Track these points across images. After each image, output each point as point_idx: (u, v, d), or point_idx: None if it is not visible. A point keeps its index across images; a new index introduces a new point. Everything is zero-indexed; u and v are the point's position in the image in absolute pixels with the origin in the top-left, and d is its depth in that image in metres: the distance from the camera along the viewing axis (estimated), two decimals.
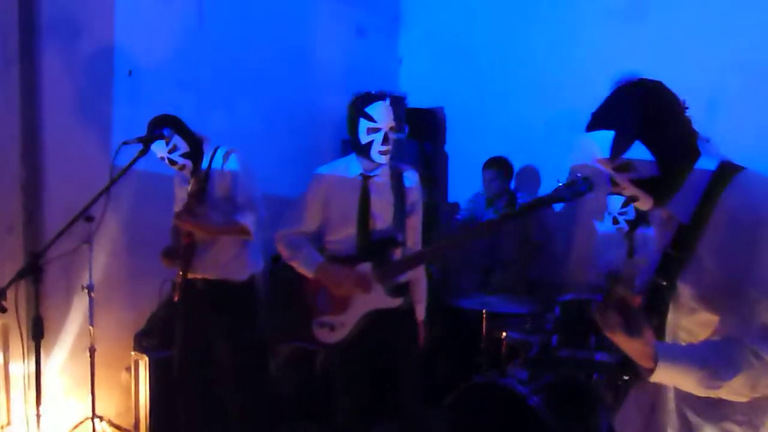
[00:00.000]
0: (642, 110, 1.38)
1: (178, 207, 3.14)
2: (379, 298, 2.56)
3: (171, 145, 2.86)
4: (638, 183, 1.41)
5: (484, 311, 3.18)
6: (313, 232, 2.71)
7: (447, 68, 4.80)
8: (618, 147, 1.39)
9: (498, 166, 4.03)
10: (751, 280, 1.27)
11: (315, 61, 4.58)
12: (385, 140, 2.56)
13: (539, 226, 4.06)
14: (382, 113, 2.55)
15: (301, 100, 4.50)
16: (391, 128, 2.57)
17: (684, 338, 1.43)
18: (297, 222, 2.69)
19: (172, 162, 2.90)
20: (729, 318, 1.31)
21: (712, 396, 1.30)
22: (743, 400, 1.30)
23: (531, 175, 4.50)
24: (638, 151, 1.38)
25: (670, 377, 1.30)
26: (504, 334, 3.31)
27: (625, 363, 1.40)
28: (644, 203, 1.45)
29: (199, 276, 2.97)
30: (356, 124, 2.57)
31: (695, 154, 1.40)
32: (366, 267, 2.57)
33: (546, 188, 4.46)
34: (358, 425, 2.76)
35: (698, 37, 3.55)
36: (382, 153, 2.57)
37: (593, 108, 1.51)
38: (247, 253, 3.02)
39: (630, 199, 1.47)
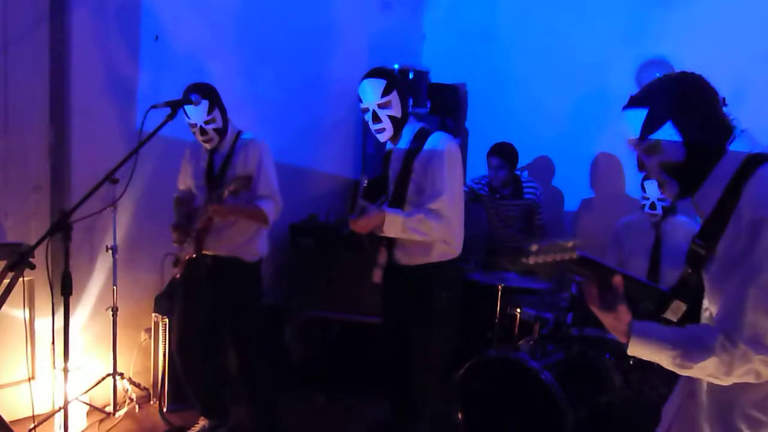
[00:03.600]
0: (679, 94, 1.40)
1: (184, 183, 3.20)
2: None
3: (211, 116, 2.89)
4: (665, 167, 1.42)
5: (500, 286, 3.21)
6: None
7: (470, 46, 4.80)
8: (649, 125, 1.41)
9: (503, 155, 4.00)
10: (741, 270, 1.29)
11: (339, 33, 4.57)
12: (375, 118, 2.55)
13: (543, 209, 4.09)
14: (366, 91, 2.55)
15: (323, 73, 4.51)
16: (381, 105, 2.53)
17: None
18: None
19: (204, 132, 2.92)
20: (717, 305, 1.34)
21: (691, 374, 1.35)
22: (725, 383, 1.33)
23: (545, 165, 4.52)
24: (669, 135, 1.39)
25: (645, 353, 1.37)
26: (518, 309, 3.35)
27: None
28: (670, 189, 1.46)
29: (210, 252, 3.02)
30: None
31: (723, 148, 1.40)
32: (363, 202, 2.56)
33: (557, 168, 4.49)
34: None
35: (724, 27, 3.50)
36: (376, 131, 2.59)
37: (615, 91, 1.51)
38: (259, 237, 3.09)
39: (659, 185, 1.48)
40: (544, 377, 2.82)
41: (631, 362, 3.05)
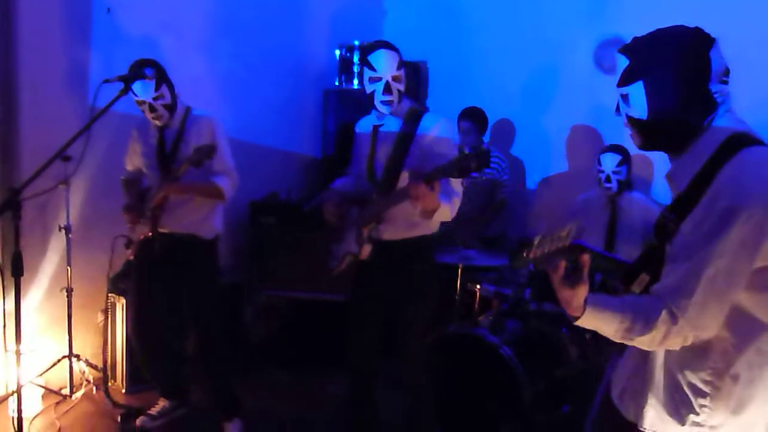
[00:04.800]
0: (663, 57, 1.39)
1: (132, 163, 3.11)
2: (349, 241, 2.60)
3: (159, 92, 2.82)
4: (631, 120, 1.47)
5: (460, 265, 3.24)
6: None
7: (431, 22, 4.77)
8: (625, 76, 1.44)
9: (473, 117, 4.00)
10: (702, 251, 1.30)
11: (299, 9, 4.50)
12: (387, 89, 2.50)
13: (508, 183, 4.12)
14: (383, 61, 2.49)
15: (284, 49, 4.44)
16: (394, 78, 2.50)
17: None
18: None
19: (153, 109, 2.85)
20: (668, 277, 1.36)
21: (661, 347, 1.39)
22: (652, 349, 1.43)
23: (506, 128, 4.53)
24: (636, 93, 1.42)
25: (593, 324, 1.40)
26: (478, 286, 3.39)
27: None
28: (635, 140, 1.50)
29: (166, 230, 2.96)
30: (361, 73, 2.55)
31: (700, 124, 1.39)
32: (353, 210, 2.63)
33: (520, 143, 4.53)
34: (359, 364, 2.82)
35: (683, 8, 3.54)
36: (384, 103, 2.52)
37: (576, 69, 1.53)
38: (215, 214, 3.05)
39: (630, 132, 1.51)
40: (503, 352, 2.87)
41: (587, 336, 3.13)
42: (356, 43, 4.28)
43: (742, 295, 1.34)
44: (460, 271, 3.26)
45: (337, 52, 4.41)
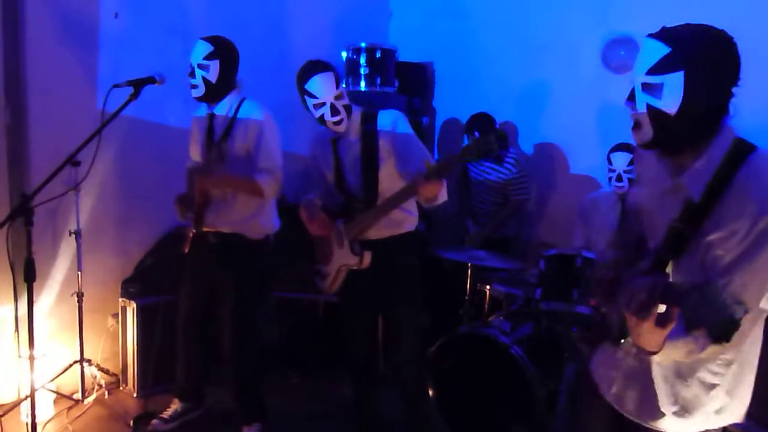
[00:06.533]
0: (706, 53, 1.33)
1: (194, 153, 3.08)
2: (345, 255, 2.61)
3: (207, 62, 2.80)
4: (653, 111, 1.37)
5: (469, 264, 3.24)
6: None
7: (437, 23, 4.76)
8: (662, 65, 1.34)
9: (484, 126, 3.98)
10: (747, 264, 1.28)
11: (305, 11, 4.50)
12: (333, 111, 2.54)
13: (519, 185, 4.09)
14: (321, 87, 2.51)
15: (290, 51, 4.43)
16: (336, 96, 2.53)
17: None
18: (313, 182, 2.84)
19: (193, 75, 2.82)
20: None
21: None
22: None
23: (509, 131, 4.51)
24: (674, 85, 1.34)
25: (663, 354, 1.32)
26: (488, 286, 3.39)
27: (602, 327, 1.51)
28: (644, 133, 1.41)
29: (212, 229, 2.93)
30: (304, 101, 2.58)
31: (715, 125, 1.37)
32: (339, 223, 2.65)
33: (525, 144, 4.51)
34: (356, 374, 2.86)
35: (690, 4, 3.52)
36: (335, 123, 2.56)
37: (583, 69, 1.50)
38: (264, 212, 2.99)
39: (634, 123, 1.44)
40: (514, 352, 2.87)
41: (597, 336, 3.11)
42: (363, 44, 4.27)
43: None
44: (469, 271, 3.26)
45: (344, 54, 4.41)
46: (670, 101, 1.35)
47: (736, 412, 1.50)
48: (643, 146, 1.44)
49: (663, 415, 1.50)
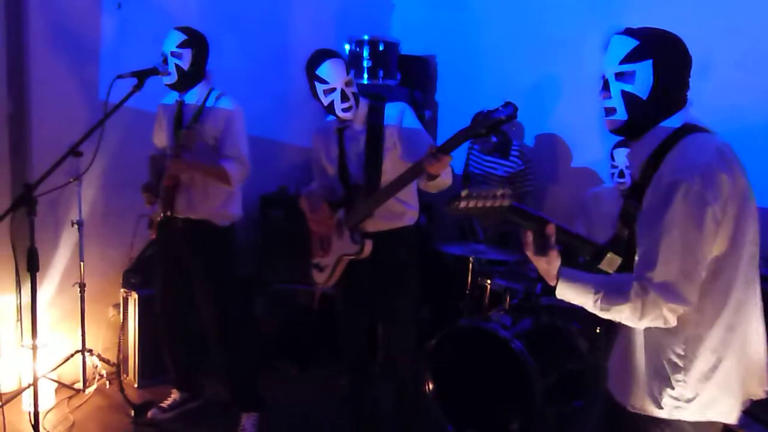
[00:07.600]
0: (668, 45, 1.54)
1: (159, 140, 3.11)
2: (344, 244, 2.61)
3: (180, 51, 2.81)
4: (627, 95, 1.53)
5: (471, 258, 3.24)
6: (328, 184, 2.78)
7: (439, 16, 4.75)
8: (633, 55, 1.52)
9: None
10: (656, 227, 1.43)
11: (308, 3, 4.49)
12: (344, 97, 2.54)
13: (526, 177, 4.09)
14: (332, 72, 2.51)
15: (291, 43, 4.43)
16: (347, 83, 2.53)
17: None
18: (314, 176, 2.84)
19: (164, 62, 2.82)
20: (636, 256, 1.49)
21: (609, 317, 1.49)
22: (638, 326, 1.50)
23: (512, 124, 4.50)
24: (645, 72, 1.51)
25: (571, 295, 1.53)
26: (489, 280, 3.39)
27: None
28: (617, 119, 1.57)
29: (181, 215, 2.96)
30: (314, 87, 2.57)
31: (668, 113, 1.53)
32: (341, 213, 2.65)
33: (528, 138, 4.51)
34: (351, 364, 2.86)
35: (718, 7, 3.51)
36: (344, 110, 2.56)
37: (586, 63, 1.58)
38: (231, 201, 3.02)
39: (607, 111, 1.59)
40: (515, 346, 2.87)
41: (598, 330, 3.13)
42: (366, 37, 4.26)
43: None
44: (470, 265, 3.26)
45: (347, 47, 4.40)
46: (642, 86, 1.52)
47: (722, 409, 1.51)
48: (616, 131, 1.60)
49: (642, 397, 1.55)
